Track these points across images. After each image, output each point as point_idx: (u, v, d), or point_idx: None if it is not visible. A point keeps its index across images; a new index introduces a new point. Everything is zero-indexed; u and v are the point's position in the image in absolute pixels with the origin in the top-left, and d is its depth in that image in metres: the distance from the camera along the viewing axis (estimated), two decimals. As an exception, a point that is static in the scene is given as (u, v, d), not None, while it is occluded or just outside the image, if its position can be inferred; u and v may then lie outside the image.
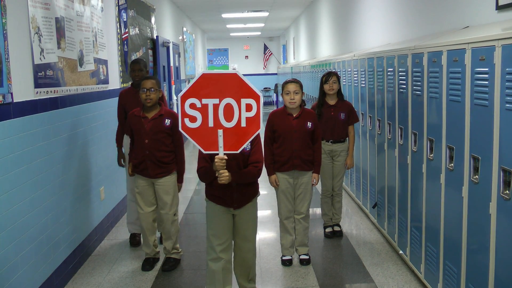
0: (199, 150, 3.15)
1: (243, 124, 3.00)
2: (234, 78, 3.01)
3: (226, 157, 3.06)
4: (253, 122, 3.01)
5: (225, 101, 2.99)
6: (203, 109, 3.00)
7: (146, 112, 4.13)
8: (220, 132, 2.99)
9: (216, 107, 2.99)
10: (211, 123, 3.01)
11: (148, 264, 4.34)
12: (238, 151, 3.05)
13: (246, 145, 3.14)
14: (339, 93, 4.88)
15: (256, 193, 3.44)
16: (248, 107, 3.00)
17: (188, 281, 4.13)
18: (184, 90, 3.01)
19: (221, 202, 3.32)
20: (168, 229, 4.27)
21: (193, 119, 3.02)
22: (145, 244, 4.34)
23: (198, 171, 3.32)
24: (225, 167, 3.08)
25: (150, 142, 4.09)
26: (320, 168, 4.36)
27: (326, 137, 4.84)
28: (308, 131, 4.14)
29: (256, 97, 3.00)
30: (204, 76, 3.02)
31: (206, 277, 3.42)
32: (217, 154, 3.05)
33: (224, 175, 3.09)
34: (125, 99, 4.77)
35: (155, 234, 4.39)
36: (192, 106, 3.00)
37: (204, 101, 3.00)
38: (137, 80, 4.67)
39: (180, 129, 3.03)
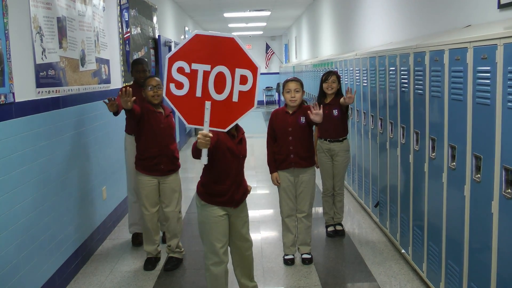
0: None
1: (235, 98, 2.64)
2: (230, 42, 2.62)
3: (211, 134, 2.72)
4: (246, 97, 2.64)
5: (218, 69, 2.63)
6: (192, 75, 2.65)
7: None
8: (208, 104, 2.64)
9: (206, 74, 2.63)
10: (199, 93, 2.66)
11: (150, 263, 4.34)
12: (226, 130, 2.75)
13: (234, 125, 2.79)
14: (339, 93, 4.87)
15: (247, 190, 3.42)
16: (243, 79, 2.63)
17: (190, 280, 4.13)
18: (173, 51, 2.67)
19: (221, 203, 3.24)
20: (174, 227, 4.29)
21: (179, 85, 2.67)
22: (149, 243, 4.35)
23: (192, 147, 3.00)
24: (209, 146, 2.73)
25: (167, 137, 4.14)
26: (321, 165, 4.41)
27: (324, 135, 4.85)
28: (302, 125, 4.14)
29: (253, 68, 2.62)
30: (197, 37, 2.65)
31: (207, 283, 3.35)
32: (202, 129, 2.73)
33: (204, 139, 2.69)
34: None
35: (159, 234, 4.42)
36: (180, 70, 2.66)
37: (194, 66, 2.64)
38: (142, 82, 4.68)
39: (164, 95, 2.74)
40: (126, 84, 6.16)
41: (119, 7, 6.16)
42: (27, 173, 3.46)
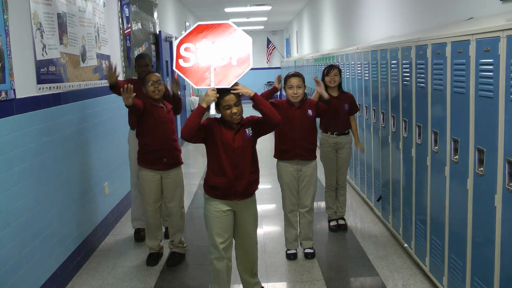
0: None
1: (234, 62, 3.18)
2: (227, 26, 3.24)
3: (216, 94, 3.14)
4: (244, 60, 3.18)
5: (218, 42, 3.22)
6: (197, 51, 3.23)
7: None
8: (212, 69, 3.18)
9: (209, 48, 3.22)
10: (203, 64, 3.22)
11: (152, 259, 4.34)
12: (230, 86, 3.15)
13: (234, 82, 3.17)
14: (339, 87, 4.87)
15: (257, 181, 3.38)
16: (239, 48, 3.20)
17: (193, 276, 4.13)
18: (181, 37, 3.27)
19: (222, 196, 3.25)
20: (177, 222, 4.29)
21: (186, 59, 3.25)
22: (152, 239, 4.34)
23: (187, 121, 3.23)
24: (217, 96, 3.14)
25: (169, 131, 4.15)
26: (326, 159, 4.69)
27: (330, 129, 4.84)
28: (310, 118, 4.14)
29: (246, 39, 3.21)
30: (199, 26, 3.26)
31: (210, 276, 3.38)
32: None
33: (212, 92, 3.12)
34: (134, 85, 4.80)
35: (161, 229, 4.42)
36: (187, 49, 3.25)
37: (199, 44, 3.24)
38: (144, 76, 4.68)
39: (174, 68, 3.26)
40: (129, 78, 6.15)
41: (119, 3, 6.14)
42: (29, 170, 3.45)
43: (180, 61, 3.26)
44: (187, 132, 3.13)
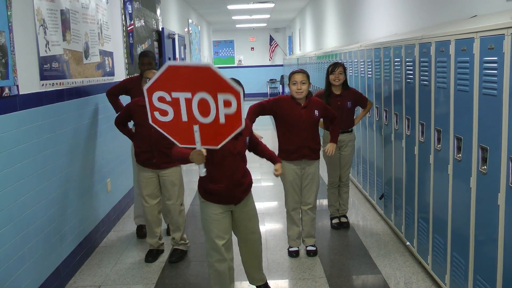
0: None
1: (222, 120, 2.61)
2: (206, 71, 2.53)
3: (204, 152, 2.78)
4: (233, 119, 2.60)
5: (199, 95, 2.58)
6: (174, 103, 2.63)
7: None
8: (196, 127, 2.66)
9: (188, 101, 2.61)
10: (184, 118, 2.66)
11: (151, 256, 4.35)
12: (218, 147, 2.73)
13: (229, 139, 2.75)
14: (344, 84, 4.86)
15: (251, 183, 3.37)
16: (227, 103, 2.56)
17: (195, 272, 4.13)
18: (149, 82, 2.65)
19: (221, 201, 3.20)
20: (176, 219, 4.29)
21: (163, 112, 2.68)
22: (151, 236, 4.35)
23: (174, 149, 3.01)
24: (204, 161, 2.81)
25: (156, 130, 4.07)
26: (329, 157, 4.51)
27: None
28: (315, 119, 4.14)
29: (235, 93, 2.54)
30: (171, 68, 2.59)
31: (210, 280, 3.31)
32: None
33: (199, 156, 2.79)
34: (131, 85, 4.79)
35: (160, 226, 4.41)
36: (161, 99, 2.65)
37: (174, 94, 2.61)
38: None
39: (150, 122, 2.74)
40: (130, 76, 6.16)
41: (122, 0, 6.13)
42: (31, 166, 3.45)
43: (157, 115, 2.69)
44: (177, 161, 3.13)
